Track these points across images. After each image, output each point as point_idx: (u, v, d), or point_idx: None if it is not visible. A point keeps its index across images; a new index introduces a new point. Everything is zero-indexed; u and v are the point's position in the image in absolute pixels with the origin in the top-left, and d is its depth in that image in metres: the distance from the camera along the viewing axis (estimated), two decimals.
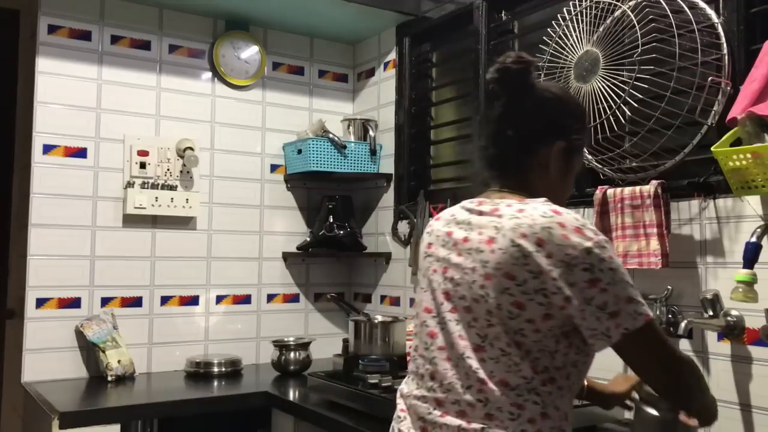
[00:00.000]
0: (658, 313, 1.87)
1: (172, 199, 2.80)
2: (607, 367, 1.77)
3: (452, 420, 1.26)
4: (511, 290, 1.22)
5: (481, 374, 1.24)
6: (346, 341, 2.88)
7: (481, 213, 1.33)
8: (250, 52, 3.04)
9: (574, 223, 1.23)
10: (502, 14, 2.68)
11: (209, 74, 2.99)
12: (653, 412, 1.46)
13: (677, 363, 1.28)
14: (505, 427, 1.22)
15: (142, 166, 2.77)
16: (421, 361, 1.36)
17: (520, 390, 1.23)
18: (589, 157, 2.06)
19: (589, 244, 1.21)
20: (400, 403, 1.42)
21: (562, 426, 1.26)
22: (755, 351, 1.75)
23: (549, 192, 1.35)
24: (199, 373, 2.71)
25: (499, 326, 1.24)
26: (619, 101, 1.90)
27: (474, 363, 1.25)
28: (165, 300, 2.82)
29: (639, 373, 1.31)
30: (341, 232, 3.02)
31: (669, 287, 1.88)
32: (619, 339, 1.20)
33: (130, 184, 2.72)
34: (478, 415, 1.24)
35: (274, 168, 3.11)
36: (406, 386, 1.41)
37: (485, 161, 1.42)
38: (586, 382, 1.62)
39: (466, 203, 1.40)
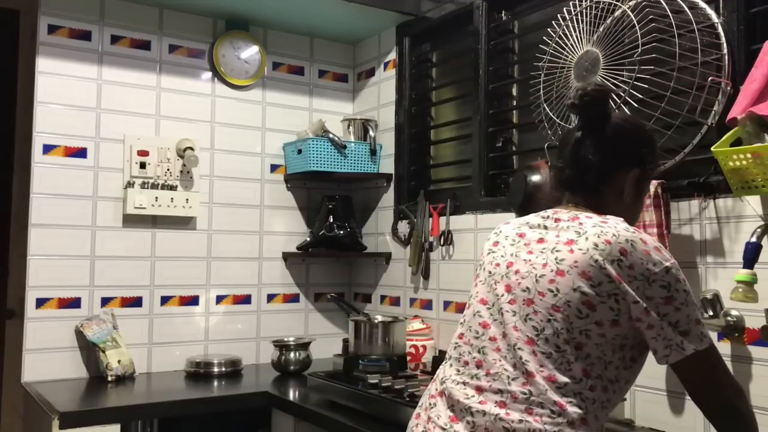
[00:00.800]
0: None
1: (172, 199, 2.80)
2: None
3: (491, 408, 1.28)
4: (583, 289, 1.26)
5: (530, 367, 1.27)
6: (346, 341, 2.88)
7: (557, 220, 1.39)
8: (250, 52, 3.04)
9: (654, 243, 1.30)
10: (502, 14, 2.68)
11: (209, 74, 2.99)
12: None
13: (734, 390, 1.32)
14: (543, 423, 1.24)
15: (142, 166, 2.77)
16: (468, 348, 1.39)
17: (566, 390, 1.26)
18: None
19: (668, 264, 1.28)
20: (432, 389, 1.44)
21: None
22: (755, 351, 1.74)
23: (621, 216, 1.39)
24: (199, 373, 2.71)
25: (562, 323, 1.27)
26: (619, 101, 1.89)
27: (524, 355, 1.28)
28: (165, 300, 2.82)
29: (695, 394, 1.33)
30: (341, 232, 3.02)
31: None
32: (687, 356, 1.27)
33: (130, 184, 2.72)
34: (518, 408, 1.26)
35: (274, 168, 3.11)
36: (443, 371, 1.43)
37: (561, 182, 1.48)
38: None
39: (540, 213, 1.45)
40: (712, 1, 1.87)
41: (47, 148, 2.62)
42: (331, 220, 3.03)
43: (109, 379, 2.55)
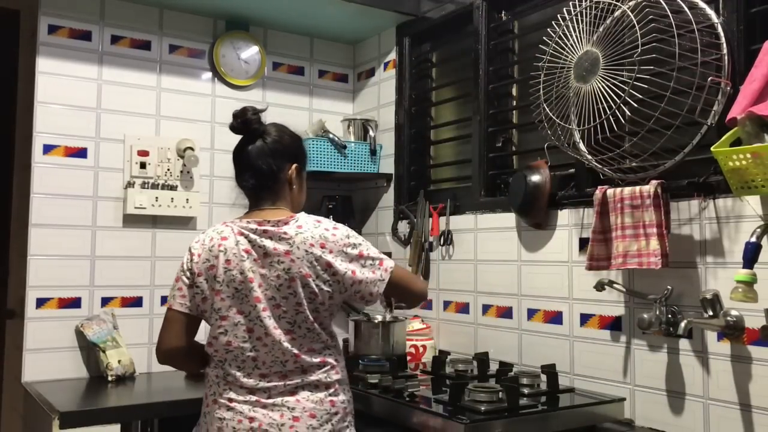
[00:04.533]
0: (657, 313, 1.87)
1: (172, 199, 2.80)
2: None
3: (277, 382, 1.73)
4: (310, 285, 1.72)
5: (295, 350, 1.73)
6: (346, 341, 2.87)
7: (266, 232, 1.76)
8: (250, 52, 3.05)
9: (330, 225, 1.81)
10: (502, 14, 2.68)
11: (209, 74, 2.99)
12: None
13: (422, 283, 1.97)
14: (317, 375, 1.75)
15: (142, 166, 2.77)
16: (238, 351, 1.75)
17: (321, 350, 1.77)
18: (589, 157, 2.06)
19: (344, 232, 1.80)
20: (229, 400, 1.76)
21: (344, 365, 1.85)
22: (755, 351, 1.75)
23: (296, 200, 1.91)
24: (199, 372, 2.70)
25: (306, 312, 1.73)
26: (619, 101, 1.89)
27: (287, 344, 1.73)
28: (165, 300, 2.81)
29: (403, 300, 1.95)
30: None
31: (669, 287, 1.88)
32: (389, 278, 1.79)
33: (130, 184, 2.72)
34: (296, 375, 1.74)
35: None
36: (223, 372, 1.79)
37: (249, 190, 1.87)
38: None
39: (247, 226, 1.79)
40: (712, 1, 1.87)
41: (47, 148, 2.62)
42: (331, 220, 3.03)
43: (109, 379, 2.55)
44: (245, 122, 1.84)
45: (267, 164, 1.82)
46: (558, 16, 2.15)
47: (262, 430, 1.71)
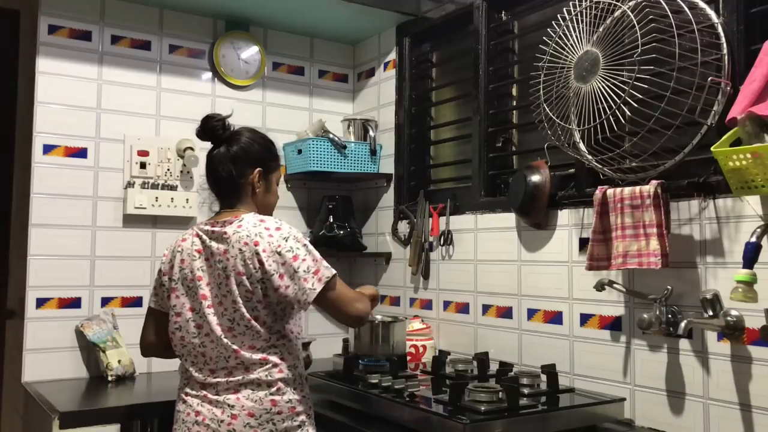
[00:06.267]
0: (657, 313, 1.87)
1: (172, 199, 2.80)
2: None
3: (222, 378, 1.80)
4: (244, 283, 1.77)
5: (235, 346, 1.79)
6: (346, 341, 2.88)
7: (213, 232, 1.85)
8: (250, 52, 3.05)
9: (274, 224, 1.82)
10: (502, 14, 2.68)
11: (209, 74, 2.99)
12: None
13: (358, 300, 1.87)
14: (258, 373, 1.79)
15: (143, 166, 2.77)
16: (191, 347, 1.84)
17: (264, 348, 1.81)
18: (589, 157, 2.06)
19: (285, 234, 1.80)
20: (185, 394, 1.86)
21: (296, 364, 1.87)
22: (755, 351, 1.75)
23: (262, 203, 1.94)
24: None
25: (243, 309, 1.78)
26: (619, 101, 1.89)
27: (228, 341, 1.79)
28: None
29: (334, 315, 1.88)
30: (341, 232, 3.02)
31: (669, 287, 1.88)
32: (322, 288, 1.77)
33: (130, 184, 2.72)
34: (239, 372, 1.79)
35: None
36: (185, 369, 1.88)
37: (214, 194, 1.96)
38: None
39: (203, 227, 1.88)
40: (712, 1, 1.87)
41: (47, 148, 2.62)
42: (331, 220, 3.03)
43: (109, 379, 2.55)
44: (206, 129, 1.92)
45: (226, 170, 1.89)
46: (558, 16, 2.15)
47: (204, 424, 1.79)
